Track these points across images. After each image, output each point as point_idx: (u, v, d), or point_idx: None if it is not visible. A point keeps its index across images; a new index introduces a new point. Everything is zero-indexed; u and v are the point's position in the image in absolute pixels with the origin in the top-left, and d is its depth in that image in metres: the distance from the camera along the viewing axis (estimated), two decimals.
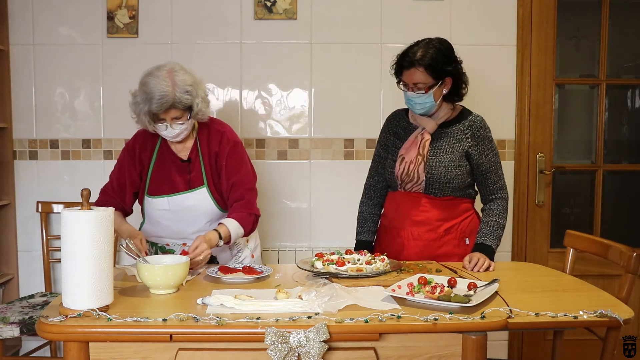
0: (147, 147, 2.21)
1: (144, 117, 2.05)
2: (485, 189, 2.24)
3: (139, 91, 2.06)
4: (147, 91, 2.01)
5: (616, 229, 3.26)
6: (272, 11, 3.00)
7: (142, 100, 2.03)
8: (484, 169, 2.20)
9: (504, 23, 3.06)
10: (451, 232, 2.21)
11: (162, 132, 2.09)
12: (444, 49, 2.13)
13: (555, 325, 1.54)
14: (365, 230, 2.37)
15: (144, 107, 2.02)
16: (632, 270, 1.83)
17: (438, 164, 2.16)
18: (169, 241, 2.22)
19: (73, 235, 1.44)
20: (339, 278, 1.82)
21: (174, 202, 2.16)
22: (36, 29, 3.01)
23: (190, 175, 2.18)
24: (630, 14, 3.24)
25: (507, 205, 2.24)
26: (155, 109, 2.00)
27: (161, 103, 2.00)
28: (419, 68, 2.09)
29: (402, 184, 2.22)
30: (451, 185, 2.17)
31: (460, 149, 2.18)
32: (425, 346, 1.48)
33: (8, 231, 3.05)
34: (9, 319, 2.50)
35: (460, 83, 2.19)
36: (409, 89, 2.13)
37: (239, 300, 1.54)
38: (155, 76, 2.02)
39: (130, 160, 2.20)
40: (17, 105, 3.03)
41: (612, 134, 3.25)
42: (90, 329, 1.40)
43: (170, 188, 2.17)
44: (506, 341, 3.17)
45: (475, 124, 2.21)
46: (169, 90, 2.00)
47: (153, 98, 1.99)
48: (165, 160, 2.20)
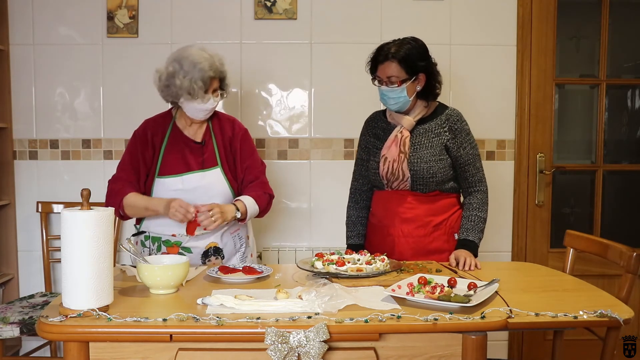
0: (158, 131, 2.23)
1: (194, 87, 2.06)
2: (464, 182, 2.26)
3: (179, 65, 2.09)
4: (194, 60, 2.07)
5: (616, 229, 3.26)
6: (272, 11, 3.00)
7: (189, 71, 2.07)
8: (462, 162, 2.22)
9: (504, 23, 3.06)
10: (440, 228, 2.23)
11: (200, 105, 2.12)
12: (418, 46, 2.17)
13: (555, 325, 1.54)
14: (355, 234, 2.38)
15: (193, 75, 2.06)
16: (632, 270, 1.83)
17: (419, 159, 2.18)
18: (177, 231, 2.18)
19: (73, 235, 1.44)
20: (339, 278, 1.82)
21: (189, 180, 2.17)
22: (36, 29, 3.01)
23: (204, 156, 2.21)
24: (630, 14, 3.24)
25: (487, 198, 2.26)
26: (206, 76, 2.07)
27: (210, 70, 2.08)
28: (392, 61, 2.13)
29: (388, 183, 2.24)
30: (435, 180, 2.19)
31: (439, 142, 2.20)
32: (425, 346, 1.48)
33: (8, 231, 3.05)
34: (9, 319, 2.50)
35: (434, 82, 2.21)
36: (382, 83, 2.16)
37: (239, 300, 1.54)
38: (192, 50, 2.11)
39: (142, 144, 2.20)
40: (17, 105, 3.04)
41: (612, 134, 3.25)
42: (90, 329, 1.40)
43: (184, 167, 2.19)
44: (506, 341, 3.17)
45: (451, 117, 2.23)
46: (212, 60, 2.11)
47: (202, 67, 2.06)
48: (178, 142, 2.22)
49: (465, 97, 3.05)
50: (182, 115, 2.24)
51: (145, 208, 2.13)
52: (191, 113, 2.17)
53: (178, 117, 2.27)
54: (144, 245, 2.26)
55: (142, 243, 2.27)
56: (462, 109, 2.37)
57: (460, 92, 3.06)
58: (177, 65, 2.10)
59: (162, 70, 2.14)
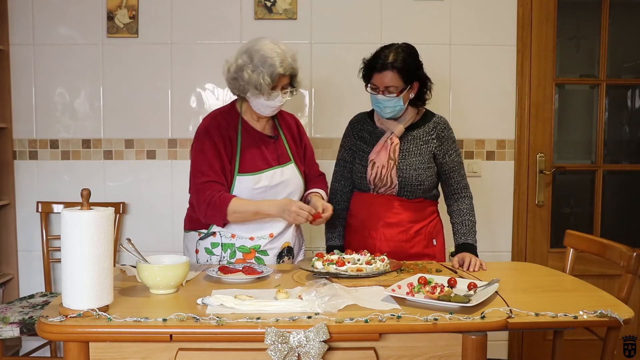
0: (230, 126, 2.12)
1: (262, 82, 1.98)
2: (449, 188, 2.28)
3: (249, 58, 2.01)
4: (264, 55, 1.99)
5: (616, 229, 3.26)
6: (272, 11, 3.00)
7: (258, 65, 1.99)
8: (447, 169, 2.24)
9: (504, 23, 3.06)
10: (421, 234, 2.25)
11: (267, 102, 2.05)
12: (412, 54, 2.16)
13: (555, 325, 1.54)
14: (335, 235, 2.36)
15: (261, 70, 1.98)
16: (632, 270, 1.83)
17: (408, 167, 2.19)
18: (254, 234, 2.12)
19: (73, 235, 1.44)
20: (339, 278, 1.82)
21: (272, 177, 2.12)
22: (36, 29, 3.01)
23: (278, 152, 2.18)
24: (630, 14, 3.24)
25: (473, 203, 2.28)
26: (275, 72, 1.99)
27: (280, 67, 1.99)
28: (391, 71, 2.10)
29: (375, 188, 2.24)
30: (422, 187, 2.21)
31: (427, 150, 2.21)
32: (425, 346, 1.48)
33: (8, 231, 3.05)
34: (9, 319, 2.50)
35: (425, 88, 2.22)
36: (379, 92, 2.14)
37: (239, 300, 1.54)
38: (264, 43, 2.02)
39: (220, 139, 2.08)
40: (17, 105, 3.03)
41: (612, 134, 3.25)
42: (90, 329, 1.40)
43: (263, 164, 2.12)
44: (506, 341, 3.17)
45: (439, 125, 2.24)
46: (284, 56, 2.02)
47: (273, 63, 1.98)
48: (252, 137, 2.14)
49: (465, 97, 3.05)
50: (248, 108, 2.15)
51: (254, 212, 2.01)
52: (257, 108, 2.10)
53: (244, 110, 2.17)
54: (211, 252, 2.15)
55: (208, 250, 2.15)
56: (462, 109, 2.37)
57: (460, 92, 3.06)
58: (247, 57, 2.02)
59: (232, 62, 2.06)
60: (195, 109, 3.06)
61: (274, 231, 2.15)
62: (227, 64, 2.08)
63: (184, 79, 3.04)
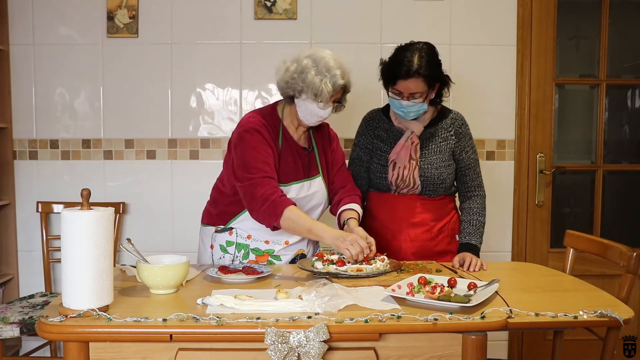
0: (273, 131, 2.08)
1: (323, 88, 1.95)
2: (463, 186, 2.26)
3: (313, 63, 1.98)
4: (329, 64, 1.97)
5: (616, 229, 3.26)
6: (272, 11, 3.00)
7: (322, 72, 1.96)
8: (464, 166, 2.23)
9: (504, 23, 3.06)
10: (444, 231, 2.24)
11: (318, 110, 2.01)
12: (434, 55, 2.12)
13: (555, 325, 1.53)
14: None
15: (325, 77, 1.96)
16: (632, 270, 1.83)
17: (430, 165, 2.17)
18: (270, 238, 2.11)
19: (73, 235, 1.44)
20: (339, 278, 1.82)
21: (300, 189, 2.10)
22: (36, 29, 3.01)
23: (310, 164, 2.16)
24: (630, 14, 3.24)
25: (485, 202, 2.26)
26: (338, 83, 1.97)
27: (342, 79, 1.99)
28: (418, 78, 2.05)
29: (397, 189, 2.21)
30: (444, 185, 2.20)
31: (447, 148, 2.20)
32: (425, 346, 1.48)
33: (8, 231, 3.05)
34: (9, 319, 2.50)
35: (444, 86, 2.19)
36: (403, 97, 2.10)
37: (239, 300, 1.54)
38: (326, 53, 2.01)
39: (271, 140, 2.05)
40: (17, 105, 3.04)
41: (612, 134, 3.25)
42: (90, 329, 1.40)
43: (293, 175, 2.10)
44: (506, 341, 3.17)
45: (456, 121, 2.23)
46: (344, 70, 2.01)
47: (336, 73, 1.97)
48: (290, 147, 2.12)
49: (465, 97, 3.05)
50: (289, 115, 2.12)
51: (308, 229, 1.93)
52: (303, 115, 2.04)
53: (285, 116, 2.13)
54: (225, 250, 2.15)
55: (223, 248, 2.15)
56: (462, 109, 2.37)
57: (460, 92, 3.05)
58: (310, 62, 1.98)
59: (292, 62, 2.02)
60: (195, 109, 3.06)
61: (291, 240, 2.13)
62: (286, 64, 2.03)
63: (184, 79, 3.04)
